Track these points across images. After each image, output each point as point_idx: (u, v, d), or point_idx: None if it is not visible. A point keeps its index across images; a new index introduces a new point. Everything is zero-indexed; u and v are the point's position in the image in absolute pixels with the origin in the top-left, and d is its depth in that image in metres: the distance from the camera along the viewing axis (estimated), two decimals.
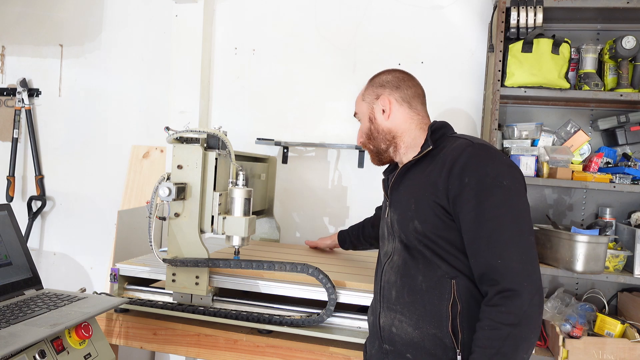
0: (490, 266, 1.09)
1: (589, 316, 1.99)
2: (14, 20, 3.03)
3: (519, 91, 2.03)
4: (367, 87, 1.43)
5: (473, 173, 1.14)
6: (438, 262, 1.19)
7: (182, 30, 2.63)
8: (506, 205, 1.11)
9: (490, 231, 1.10)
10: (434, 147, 1.27)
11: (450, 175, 1.16)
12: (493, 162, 1.15)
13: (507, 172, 1.15)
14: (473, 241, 1.13)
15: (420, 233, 1.21)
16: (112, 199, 2.84)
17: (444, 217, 1.18)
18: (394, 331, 1.26)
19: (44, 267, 2.97)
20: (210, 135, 1.64)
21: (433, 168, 1.22)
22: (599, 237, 1.91)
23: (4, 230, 1.53)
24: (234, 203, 1.62)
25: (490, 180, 1.12)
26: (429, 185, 1.21)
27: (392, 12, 2.48)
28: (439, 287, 1.18)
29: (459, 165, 1.16)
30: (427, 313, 1.19)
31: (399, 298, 1.25)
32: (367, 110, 1.41)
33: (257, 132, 2.61)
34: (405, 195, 1.28)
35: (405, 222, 1.25)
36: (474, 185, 1.13)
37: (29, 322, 1.27)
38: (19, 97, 2.94)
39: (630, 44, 1.97)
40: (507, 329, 1.05)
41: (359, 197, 2.51)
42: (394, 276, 1.28)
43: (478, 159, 1.15)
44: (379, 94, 1.39)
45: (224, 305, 1.67)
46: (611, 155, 2.16)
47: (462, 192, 1.14)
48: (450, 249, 1.18)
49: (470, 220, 1.13)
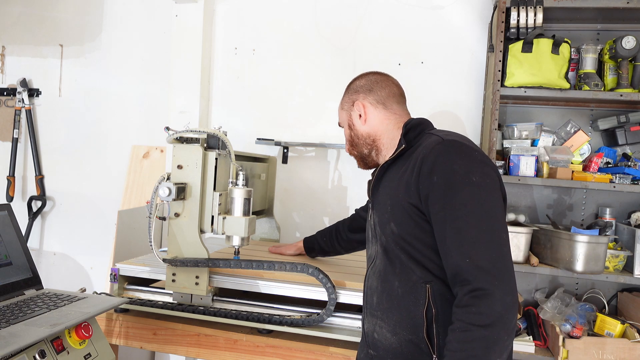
0: (459, 266, 1.05)
1: (589, 316, 1.99)
2: (14, 20, 3.03)
3: (519, 91, 2.03)
4: (344, 95, 1.44)
5: (441, 171, 1.10)
6: (413, 266, 1.16)
7: (182, 30, 2.63)
8: (474, 203, 1.07)
9: (458, 230, 1.06)
10: (409, 146, 1.25)
11: (420, 174, 1.13)
12: (462, 159, 1.11)
13: (477, 169, 1.10)
14: (443, 241, 1.09)
15: (397, 235, 1.19)
16: (112, 199, 2.84)
17: (418, 218, 1.15)
18: (375, 337, 1.26)
19: (44, 267, 2.97)
20: (210, 135, 1.64)
21: (406, 168, 1.20)
22: (599, 237, 1.91)
23: (4, 230, 1.53)
24: (234, 203, 1.62)
25: (458, 177, 1.08)
26: (402, 186, 1.19)
27: (392, 12, 2.48)
28: (414, 292, 1.16)
29: (428, 164, 1.12)
30: (403, 319, 1.18)
31: (379, 304, 1.25)
32: (346, 118, 1.41)
33: (257, 132, 2.61)
34: (384, 196, 1.27)
35: (384, 224, 1.24)
36: (442, 183, 1.09)
37: (29, 322, 1.27)
38: (19, 97, 2.94)
39: (630, 44, 1.97)
40: (478, 330, 0.99)
41: (358, 197, 2.51)
42: (376, 281, 1.27)
43: (446, 156, 1.11)
44: (354, 100, 1.38)
45: (224, 305, 1.67)
46: (611, 155, 2.16)
47: (432, 191, 1.11)
48: (426, 251, 1.15)
49: (440, 220, 1.09)
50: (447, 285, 1.13)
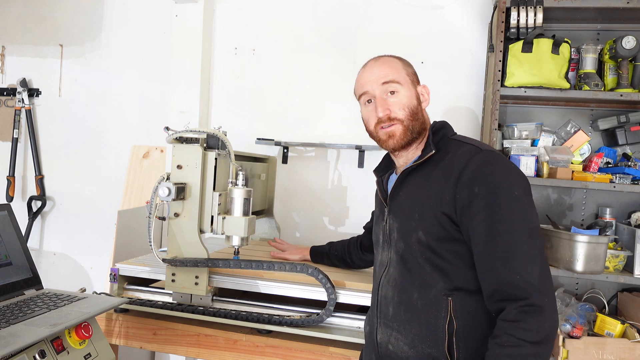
0: (507, 282, 1.03)
1: (589, 316, 1.99)
2: (14, 20, 3.03)
3: (519, 91, 2.03)
4: (403, 63, 1.29)
5: (483, 183, 1.09)
6: (437, 277, 1.14)
7: (182, 30, 2.63)
8: (520, 217, 1.06)
9: (506, 245, 1.05)
10: (437, 151, 1.21)
11: (458, 184, 1.11)
12: (503, 171, 1.10)
13: (518, 182, 1.10)
14: (485, 256, 1.07)
15: (424, 244, 1.16)
16: (112, 199, 2.83)
17: (450, 228, 1.13)
18: (390, 348, 1.22)
19: (44, 267, 2.97)
20: (210, 135, 1.64)
21: (438, 175, 1.17)
22: (599, 237, 1.91)
23: (4, 230, 1.53)
24: (234, 203, 1.62)
25: (502, 190, 1.07)
26: (434, 194, 1.15)
27: (392, 12, 2.48)
28: (435, 305, 1.14)
29: (468, 174, 1.10)
30: (423, 332, 1.15)
31: (396, 315, 1.21)
32: (413, 88, 1.27)
33: (257, 132, 2.61)
34: (408, 202, 1.22)
35: (408, 232, 1.19)
36: (485, 195, 1.08)
37: (29, 322, 1.27)
38: (19, 97, 2.94)
39: (630, 44, 1.97)
40: (531, 347, 0.99)
41: (359, 197, 2.51)
42: (391, 291, 1.23)
43: (488, 168, 1.10)
44: (418, 80, 1.30)
45: (223, 305, 1.67)
46: (611, 155, 2.16)
47: (472, 202, 1.09)
48: (454, 260, 1.13)
49: (482, 233, 1.07)
50: (469, 298, 1.12)
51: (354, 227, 2.51)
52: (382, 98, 1.25)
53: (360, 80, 1.33)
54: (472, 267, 1.13)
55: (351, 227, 2.51)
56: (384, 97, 1.25)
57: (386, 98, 1.25)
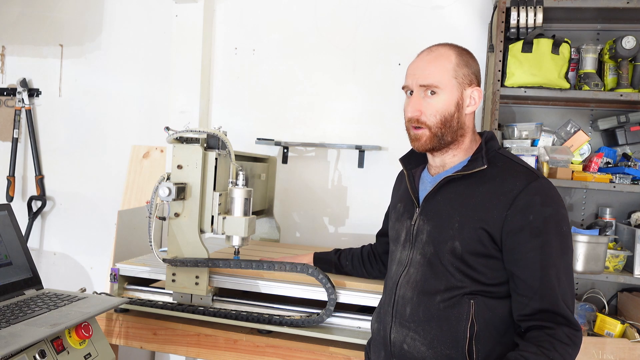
0: (554, 305, 1.10)
1: (589, 316, 1.99)
2: (14, 20, 3.03)
3: (519, 91, 2.03)
4: (458, 61, 1.22)
5: (538, 213, 1.11)
6: (463, 284, 1.15)
7: (182, 30, 2.63)
8: (566, 253, 1.14)
9: (554, 277, 1.11)
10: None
11: (512, 207, 1.12)
12: (557, 205, 1.14)
13: (565, 216, 1.15)
14: (532, 281, 1.11)
15: (458, 255, 1.16)
16: (112, 199, 2.83)
17: (489, 245, 1.14)
18: (405, 348, 1.21)
19: (44, 267, 2.97)
20: (210, 135, 1.64)
21: (487, 191, 1.16)
22: (599, 237, 1.91)
23: (4, 230, 1.53)
24: (234, 203, 1.62)
25: (554, 224, 1.12)
26: (480, 209, 1.15)
27: (392, 12, 2.48)
28: (457, 307, 1.15)
29: (524, 200, 1.12)
30: (444, 333, 1.15)
31: (414, 315, 1.20)
32: (457, 92, 1.21)
33: (257, 132, 2.61)
34: (448, 209, 1.20)
35: (443, 238, 1.18)
36: (538, 225, 1.11)
37: (29, 322, 1.27)
38: (19, 97, 2.94)
39: (630, 44, 1.97)
40: None
41: (359, 197, 2.51)
42: (410, 292, 1.22)
43: (545, 199, 1.13)
44: (472, 81, 1.22)
45: (223, 305, 1.67)
46: (611, 155, 2.16)
47: (523, 229, 1.11)
48: (484, 270, 1.15)
49: (530, 261, 1.11)
50: (490, 302, 1.15)
51: (354, 227, 2.51)
52: (418, 96, 1.22)
53: (408, 69, 1.29)
54: (499, 278, 1.16)
55: (351, 227, 2.51)
56: (420, 95, 1.22)
57: (423, 98, 1.22)
